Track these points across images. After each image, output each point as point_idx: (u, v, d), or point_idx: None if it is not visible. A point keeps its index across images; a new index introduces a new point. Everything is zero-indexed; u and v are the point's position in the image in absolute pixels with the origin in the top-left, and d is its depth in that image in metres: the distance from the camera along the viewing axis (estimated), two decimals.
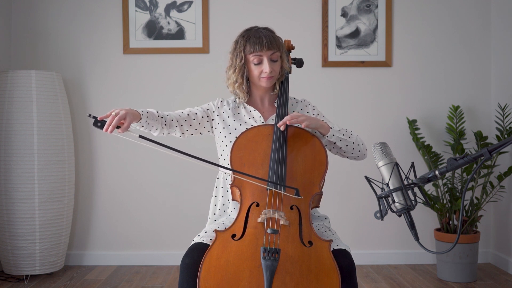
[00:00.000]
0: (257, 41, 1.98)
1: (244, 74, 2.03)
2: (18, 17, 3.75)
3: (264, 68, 2.00)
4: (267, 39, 1.98)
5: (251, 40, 1.99)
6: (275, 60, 2.02)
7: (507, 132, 3.34)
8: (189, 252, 1.81)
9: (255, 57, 1.99)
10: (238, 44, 2.03)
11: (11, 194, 3.28)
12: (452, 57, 3.77)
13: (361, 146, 2.05)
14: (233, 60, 2.04)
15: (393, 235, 3.75)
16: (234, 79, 2.05)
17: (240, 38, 2.03)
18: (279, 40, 2.05)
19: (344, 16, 3.74)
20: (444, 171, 1.45)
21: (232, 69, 2.05)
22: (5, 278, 3.38)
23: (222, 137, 2.07)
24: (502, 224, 3.63)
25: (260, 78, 2.02)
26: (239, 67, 2.02)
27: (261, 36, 1.99)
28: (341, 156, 2.10)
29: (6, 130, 3.30)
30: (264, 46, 1.97)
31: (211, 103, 2.14)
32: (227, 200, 2.04)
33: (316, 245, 1.74)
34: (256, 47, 1.98)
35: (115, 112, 1.81)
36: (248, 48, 1.99)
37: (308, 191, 1.86)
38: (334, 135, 1.98)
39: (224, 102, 2.14)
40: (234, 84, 2.06)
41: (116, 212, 3.77)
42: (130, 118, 1.84)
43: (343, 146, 2.01)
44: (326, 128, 1.97)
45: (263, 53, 1.98)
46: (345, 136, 2.01)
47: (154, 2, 3.73)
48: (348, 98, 3.76)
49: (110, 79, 3.76)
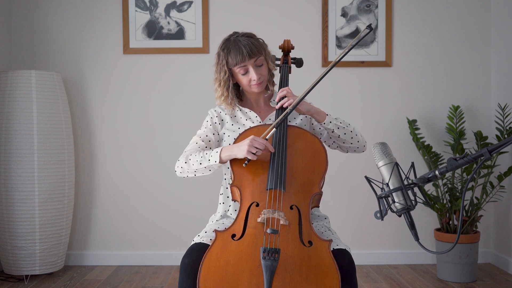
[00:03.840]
0: (237, 52, 1.96)
1: (229, 87, 2.04)
2: (18, 17, 3.75)
3: (251, 77, 2.00)
4: (247, 49, 1.96)
5: (231, 53, 1.98)
6: (260, 64, 2.01)
7: (507, 132, 3.34)
8: (189, 252, 1.81)
9: (240, 69, 1.99)
10: (220, 57, 2.02)
11: (11, 194, 3.28)
12: (452, 57, 3.77)
13: (359, 137, 2.05)
14: (218, 74, 2.05)
15: (393, 235, 3.75)
16: (220, 92, 2.06)
17: (220, 51, 2.02)
18: (259, 43, 2.02)
19: (344, 16, 3.74)
20: (444, 171, 1.45)
21: (217, 83, 2.06)
22: (5, 278, 3.38)
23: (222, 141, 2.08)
24: (502, 224, 3.63)
25: (251, 86, 2.03)
26: (223, 81, 2.03)
27: (240, 46, 1.97)
28: (341, 150, 2.10)
29: (6, 130, 3.30)
30: (245, 57, 1.96)
31: (209, 118, 2.12)
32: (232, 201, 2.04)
33: (316, 245, 1.74)
34: (238, 59, 1.96)
35: None
36: (231, 61, 1.99)
37: (308, 191, 1.86)
38: (331, 122, 1.98)
39: (219, 109, 2.13)
40: (220, 98, 2.07)
41: (116, 212, 3.77)
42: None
43: (341, 134, 2.00)
44: (322, 115, 1.98)
45: (246, 63, 1.98)
46: (342, 124, 2.00)
47: (154, 2, 3.73)
48: (348, 98, 3.76)
49: (110, 79, 3.76)
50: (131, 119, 3.77)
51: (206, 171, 1.97)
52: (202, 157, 1.94)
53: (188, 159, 1.98)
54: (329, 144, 2.10)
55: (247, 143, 1.82)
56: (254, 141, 1.82)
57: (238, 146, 1.86)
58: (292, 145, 1.92)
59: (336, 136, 2.01)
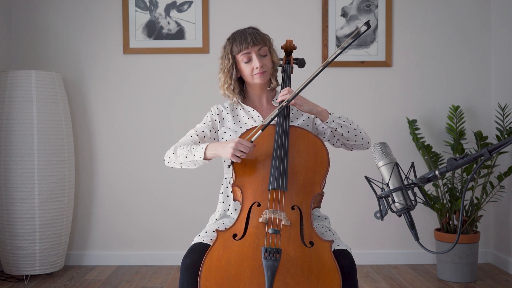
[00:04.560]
0: (242, 39, 2.01)
1: (232, 75, 2.06)
2: (18, 17, 3.75)
3: (254, 64, 2.01)
4: (252, 36, 2.01)
5: (236, 40, 2.03)
6: (264, 55, 2.04)
7: (507, 132, 3.34)
8: (190, 252, 1.81)
9: (244, 56, 2.01)
10: (225, 48, 2.07)
11: (11, 194, 3.28)
12: (452, 57, 3.77)
13: (363, 134, 2.05)
14: (222, 64, 2.08)
15: (393, 235, 3.75)
16: (223, 80, 2.08)
17: (226, 42, 2.08)
18: (265, 35, 2.07)
19: (344, 16, 3.74)
20: (444, 171, 1.45)
21: (221, 72, 2.08)
22: (5, 278, 3.38)
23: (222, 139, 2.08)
24: (502, 224, 3.63)
25: (253, 76, 2.03)
26: (227, 68, 2.05)
27: (245, 34, 2.02)
28: (346, 148, 2.10)
29: (6, 130, 3.30)
30: (249, 42, 2.00)
31: (210, 115, 2.13)
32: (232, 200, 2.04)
33: (317, 245, 1.74)
34: (242, 45, 2.00)
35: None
36: (235, 48, 2.02)
37: (310, 191, 1.85)
38: (334, 120, 1.98)
39: (221, 107, 2.14)
40: (223, 86, 2.09)
41: (116, 212, 3.77)
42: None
43: (344, 132, 2.00)
44: (325, 114, 1.98)
45: (250, 50, 2.01)
46: (345, 122, 2.01)
47: (154, 2, 3.73)
48: (348, 98, 3.76)
49: (110, 79, 3.76)
50: (131, 119, 3.77)
51: (191, 165, 2.00)
52: (189, 151, 1.96)
53: (176, 151, 2.00)
54: (333, 142, 2.10)
55: (232, 146, 1.82)
56: (240, 144, 1.82)
57: (223, 147, 1.86)
58: (294, 145, 1.92)
59: (340, 134, 2.01)
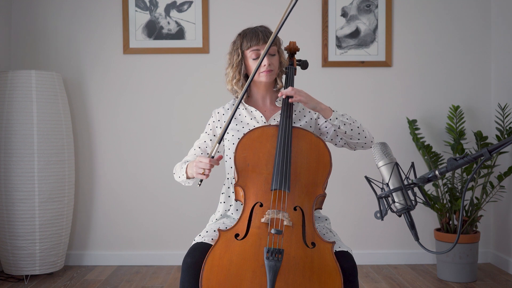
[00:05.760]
0: (253, 36, 2.03)
1: (241, 70, 2.06)
2: (18, 17, 3.75)
3: (262, 62, 2.00)
4: (263, 34, 2.03)
5: (247, 36, 2.04)
6: (273, 54, 2.05)
7: (507, 132, 3.34)
8: (191, 251, 1.80)
9: (253, 52, 2.03)
10: (235, 43, 2.08)
11: (11, 194, 3.28)
12: (452, 57, 3.77)
13: (366, 133, 2.05)
14: (231, 59, 2.08)
15: (393, 235, 3.75)
16: (231, 75, 2.08)
17: (237, 37, 2.09)
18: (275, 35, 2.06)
19: (344, 16, 3.74)
20: (444, 171, 1.45)
21: (230, 67, 2.09)
22: (5, 278, 3.38)
23: (226, 140, 2.08)
24: (502, 224, 3.63)
25: (260, 73, 2.03)
26: (236, 63, 2.06)
27: (257, 31, 2.04)
28: (349, 148, 2.09)
29: (6, 130, 3.30)
30: (260, 39, 2.02)
31: (211, 121, 2.14)
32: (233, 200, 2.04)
33: (319, 246, 1.74)
34: (253, 42, 2.02)
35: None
36: (245, 44, 2.04)
37: (312, 192, 1.85)
38: (337, 118, 1.98)
39: (222, 110, 2.14)
40: (232, 81, 2.09)
41: (116, 212, 3.77)
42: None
43: (347, 130, 2.00)
44: (328, 111, 1.98)
45: (260, 47, 2.02)
46: (349, 120, 2.01)
47: (154, 2, 3.73)
48: (348, 98, 3.76)
49: (110, 79, 3.76)
50: (131, 119, 3.77)
51: (187, 183, 2.06)
52: (181, 170, 2.03)
53: (176, 171, 2.06)
54: (336, 142, 2.09)
55: (194, 165, 1.87)
56: (199, 162, 1.85)
57: (191, 168, 1.93)
58: (297, 146, 1.92)
59: (343, 132, 2.01)
